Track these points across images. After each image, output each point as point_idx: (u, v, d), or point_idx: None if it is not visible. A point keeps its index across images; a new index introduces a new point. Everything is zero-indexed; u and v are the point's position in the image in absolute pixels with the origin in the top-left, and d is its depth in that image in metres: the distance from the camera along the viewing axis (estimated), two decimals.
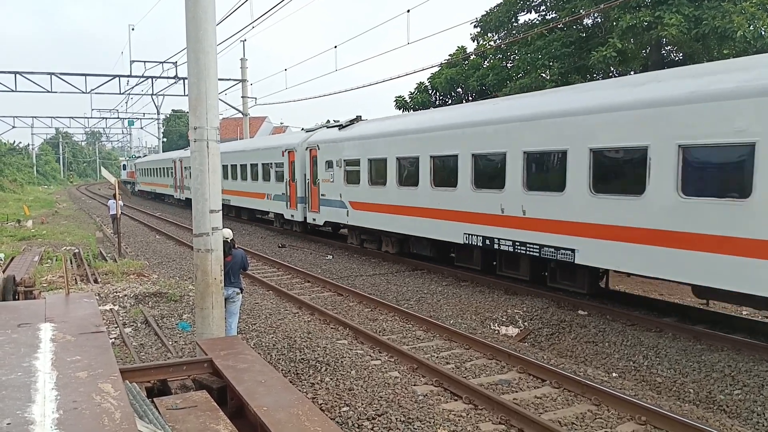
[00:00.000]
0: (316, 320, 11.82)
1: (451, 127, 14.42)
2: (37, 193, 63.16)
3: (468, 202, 13.71)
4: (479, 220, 13.41)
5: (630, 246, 10.06)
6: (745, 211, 8.42)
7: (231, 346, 6.28)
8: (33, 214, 34.61)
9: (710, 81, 9.05)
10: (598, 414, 7.41)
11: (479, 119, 13.68)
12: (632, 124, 9.94)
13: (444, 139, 14.52)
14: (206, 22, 8.21)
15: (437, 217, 14.79)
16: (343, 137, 19.45)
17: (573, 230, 11.18)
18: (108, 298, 12.95)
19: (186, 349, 9.77)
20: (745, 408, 7.74)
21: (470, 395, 7.78)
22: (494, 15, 25.03)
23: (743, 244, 8.42)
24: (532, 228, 12.08)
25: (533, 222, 12.05)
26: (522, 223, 12.31)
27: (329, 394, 7.77)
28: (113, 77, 37.85)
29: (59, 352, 4.49)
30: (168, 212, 38.46)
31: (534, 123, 11.94)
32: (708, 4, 17.59)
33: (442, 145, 14.54)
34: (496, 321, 11.67)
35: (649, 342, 9.83)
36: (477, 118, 13.82)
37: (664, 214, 9.44)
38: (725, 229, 8.64)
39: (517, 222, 12.44)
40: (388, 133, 17.03)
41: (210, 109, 8.27)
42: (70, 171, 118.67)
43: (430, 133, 15.10)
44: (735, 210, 8.54)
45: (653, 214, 9.61)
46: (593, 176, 10.73)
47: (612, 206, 10.40)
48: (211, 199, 8.37)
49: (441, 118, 15.34)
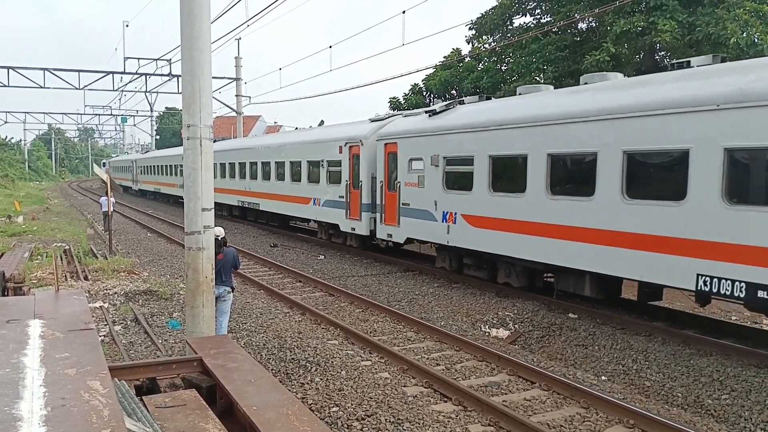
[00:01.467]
0: (307, 320, 11.81)
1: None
2: (29, 189, 62.81)
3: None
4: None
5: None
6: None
7: (221, 345, 6.26)
8: (24, 210, 34.43)
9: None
10: (586, 417, 7.44)
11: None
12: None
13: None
14: (201, 20, 8.20)
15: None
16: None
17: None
18: (98, 296, 12.89)
19: (176, 348, 9.75)
20: (733, 412, 7.79)
21: (460, 397, 7.80)
22: (489, 18, 25.10)
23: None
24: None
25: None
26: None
27: (319, 394, 7.77)
28: (107, 74, 37.75)
29: (48, 348, 4.47)
30: (160, 210, 38.32)
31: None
32: (702, 11, 17.71)
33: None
34: (487, 323, 11.69)
35: (638, 346, 9.88)
36: None
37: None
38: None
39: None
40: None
41: (204, 107, 8.26)
42: (62, 167, 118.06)
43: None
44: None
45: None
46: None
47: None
48: (203, 197, 8.35)
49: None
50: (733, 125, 8.52)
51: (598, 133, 10.47)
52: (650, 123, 9.62)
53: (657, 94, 9.77)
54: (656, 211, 9.55)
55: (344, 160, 18.72)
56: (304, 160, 21.58)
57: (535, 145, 11.72)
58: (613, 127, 10.22)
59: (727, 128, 8.60)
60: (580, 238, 10.80)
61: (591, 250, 10.60)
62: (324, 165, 19.98)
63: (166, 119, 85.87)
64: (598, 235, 10.48)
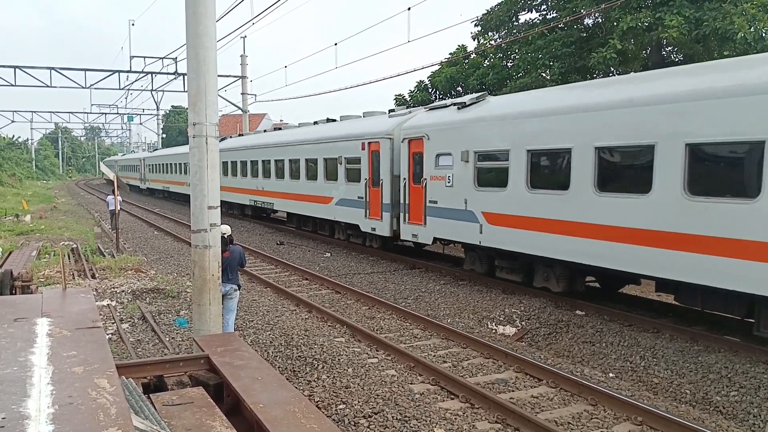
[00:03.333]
0: (314, 318, 11.81)
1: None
2: (36, 188, 63.10)
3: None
4: None
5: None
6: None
7: (228, 342, 6.26)
8: (31, 209, 34.60)
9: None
10: (594, 414, 7.42)
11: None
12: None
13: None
14: (206, 18, 8.19)
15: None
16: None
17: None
18: (105, 294, 12.94)
19: (183, 346, 9.77)
20: (742, 409, 7.75)
21: (467, 394, 7.78)
22: (495, 14, 25.02)
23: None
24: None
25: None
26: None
27: (326, 391, 7.77)
28: (113, 72, 37.81)
29: (55, 347, 4.48)
30: (167, 208, 38.43)
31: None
32: (709, 6, 17.59)
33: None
34: (494, 320, 11.67)
35: (646, 342, 9.84)
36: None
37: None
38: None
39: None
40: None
41: (209, 105, 8.25)
42: (69, 166, 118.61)
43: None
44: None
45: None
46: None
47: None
48: (209, 195, 8.35)
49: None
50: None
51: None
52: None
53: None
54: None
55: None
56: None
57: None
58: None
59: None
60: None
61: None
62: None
63: (172, 117, 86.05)
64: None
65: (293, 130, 25.35)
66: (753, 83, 8.54)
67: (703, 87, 9.23)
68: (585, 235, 10.95)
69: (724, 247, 8.77)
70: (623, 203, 10.28)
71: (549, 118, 11.71)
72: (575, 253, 11.18)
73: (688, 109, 9.26)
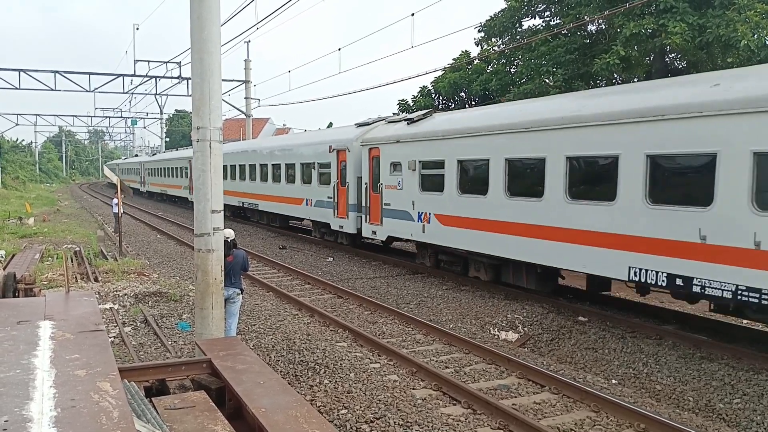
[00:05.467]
0: (316, 322, 11.81)
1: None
2: (39, 191, 63.30)
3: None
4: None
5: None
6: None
7: (230, 346, 6.26)
8: (35, 212, 34.65)
9: None
10: (597, 420, 7.40)
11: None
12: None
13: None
14: (211, 23, 8.23)
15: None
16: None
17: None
18: (108, 297, 12.95)
19: (185, 349, 9.77)
20: (745, 417, 7.71)
21: (469, 400, 7.77)
22: (498, 20, 25.02)
23: None
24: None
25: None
26: None
27: (328, 396, 7.76)
28: (117, 76, 37.93)
29: (58, 350, 4.49)
30: (169, 212, 38.48)
31: None
32: (712, 13, 17.58)
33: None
34: (496, 326, 11.65)
35: (649, 349, 9.81)
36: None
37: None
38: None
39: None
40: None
41: (213, 109, 8.28)
42: (72, 169, 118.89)
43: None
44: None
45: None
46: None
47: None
48: (212, 199, 8.37)
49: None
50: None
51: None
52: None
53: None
54: None
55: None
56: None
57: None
58: None
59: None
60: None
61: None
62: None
63: (175, 121, 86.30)
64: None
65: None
66: None
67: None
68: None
69: None
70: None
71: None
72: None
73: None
